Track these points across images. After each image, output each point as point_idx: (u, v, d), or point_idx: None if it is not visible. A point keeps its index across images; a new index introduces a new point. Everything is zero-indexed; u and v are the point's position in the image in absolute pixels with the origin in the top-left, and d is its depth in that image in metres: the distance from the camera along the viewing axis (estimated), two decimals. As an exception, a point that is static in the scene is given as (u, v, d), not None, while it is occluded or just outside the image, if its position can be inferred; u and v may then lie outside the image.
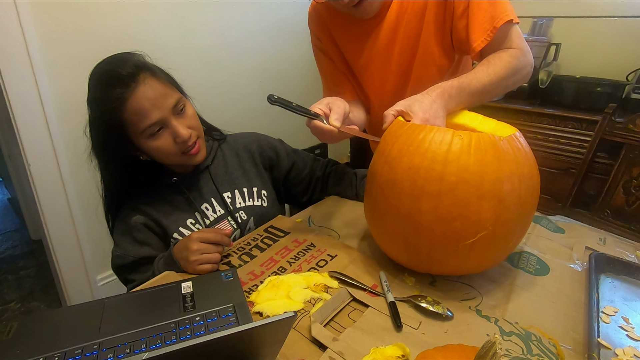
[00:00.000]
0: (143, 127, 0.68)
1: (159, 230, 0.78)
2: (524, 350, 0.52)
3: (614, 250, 0.75)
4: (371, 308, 0.59)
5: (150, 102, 0.67)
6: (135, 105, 0.66)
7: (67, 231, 1.43)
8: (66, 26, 1.26)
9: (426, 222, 0.56)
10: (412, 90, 0.86)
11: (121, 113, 0.66)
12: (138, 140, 0.71)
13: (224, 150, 0.89)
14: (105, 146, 0.72)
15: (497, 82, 0.72)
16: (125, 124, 0.68)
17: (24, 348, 0.51)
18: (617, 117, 1.36)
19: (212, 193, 0.84)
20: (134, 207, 0.78)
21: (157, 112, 0.68)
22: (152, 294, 0.63)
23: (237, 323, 0.55)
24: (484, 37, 0.74)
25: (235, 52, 1.79)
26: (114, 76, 0.67)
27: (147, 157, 0.75)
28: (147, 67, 0.70)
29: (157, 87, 0.69)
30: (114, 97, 0.65)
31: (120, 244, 0.76)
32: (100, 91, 0.68)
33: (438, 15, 0.79)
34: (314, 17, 0.95)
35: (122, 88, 0.66)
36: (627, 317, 0.58)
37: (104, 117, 0.67)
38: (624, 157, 1.30)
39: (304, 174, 0.96)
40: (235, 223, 0.84)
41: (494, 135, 0.56)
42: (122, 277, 0.78)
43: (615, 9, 1.68)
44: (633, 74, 1.64)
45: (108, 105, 0.66)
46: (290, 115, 0.71)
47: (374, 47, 0.87)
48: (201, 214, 0.81)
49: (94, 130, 0.72)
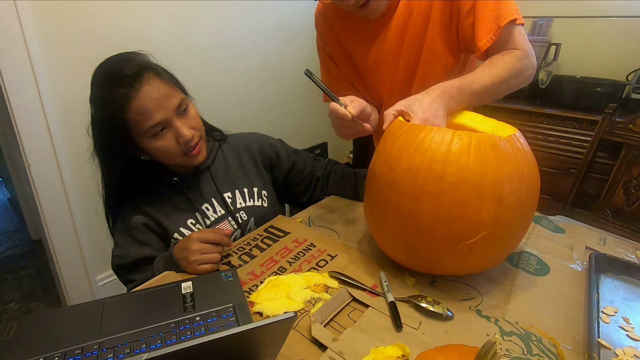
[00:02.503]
0: (146, 127, 0.68)
1: (159, 230, 0.78)
2: (524, 350, 0.52)
3: (614, 250, 0.75)
4: (371, 308, 0.59)
5: (154, 102, 0.67)
6: (140, 105, 0.67)
7: (67, 231, 1.43)
8: (66, 26, 1.26)
9: (426, 222, 0.56)
10: (417, 89, 0.86)
11: (125, 113, 0.67)
12: (141, 140, 0.71)
13: (224, 150, 0.89)
14: (108, 145, 0.72)
15: (499, 84, 0.72)
16: (128, 124, 0.68)
17: (24, 348, 0.51)
18: (617, 117, 1.35)
19: (213, 193, 0.84)
20: (135, 207, 0.78)
21: (161, 112, 0.68)
22: (152, 294, 0.63)
23: (237, 323, 0.55)
24: (489, 37, 0.74)
25: (236, 52, 1.79)
26: (119, 76, 0.66)
27: (148, 157, 0.75)
28: (152, 67, 0.70)
29: (161, 87, 0.69)
30: (118, 96, 0.65)
31: (121, 244, 0.77)
32: (104, 90, 0.68)
33: (444, 14, 0.79)
34: (320, 20, 0.95)
35: (126, 88, 0.66)
36: (627, 317, 0.58)
37: (108, 116, 0.68)
38: (624, 157, 1.30)
39: (305, 174, 0.96)
40: (236, 223, 0.84)
41: (494, 135, 0.56)
42: (122, 277, 0.78)
43: (615, 9, 1.68)
44: (633, 74, 1.64)
45: (112, 105, 0.66)
46: (290, 115, 0.72)
47: (381, 47, 0.87)
48: (202, 214, 0.81)
49: (96, 129, 0.72)
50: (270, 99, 2.02)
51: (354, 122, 0.70)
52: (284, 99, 2.06)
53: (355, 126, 0.72)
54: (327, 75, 1.00)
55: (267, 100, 2.01)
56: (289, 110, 2.11)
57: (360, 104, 0.71)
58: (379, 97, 0.96)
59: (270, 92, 2.00)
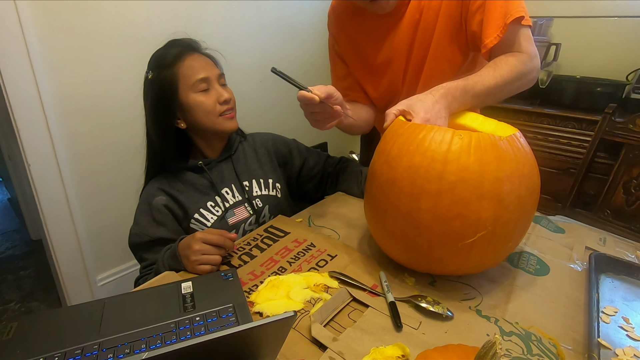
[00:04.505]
0: (194, 79, 0.79)
1: (179, 211, 0.83)
2: (524, 350, 0.52)
3: (614, 250, 0.75)
4: (371, 308, 0.59)
5: (202, 63, 0.81)
6: (190, 62, 0.80)
7: (67, 231, 1.43)
8: (66, 26, 1.26)
9: (426, 221, 0.56)
10: (423, 86, 0.87)
11: (177, 68, 0.79)
12: (187, 94, 0.80)
13: (244, 146, 0.97)
14: (158, 105, 0.81)
15: (502, 86, 0.72)
16: (178, 77, 0.79)
17: (24, 348, 0.51)
18: (617, 117, 1.35)
19: (233, 180, 0.91)
20: (159, 187, 0.83)
21: (206, 72, 0.81)
22: (152, 294, 0.63)
23: (237, 323, 0.55)
24: (496, 34, 0.74)
25: (235, 51, 1.79)
26: (176, 43, 0.83)
27: (186, 123, 0.83)
28: (200, 49, 0.85)
29: (207, 60, 0.84)
30: (175, 53, 0.80)
31: (139, 222, 0.81)
32: (162, 50, 0.82)
33: (454, 10, 0.79)
34: (332, 19, 0.96)
35: (181, 48, 0.81)
36: (627, 317, 0.58)
37: (163, 71, 0.79)
38: (624, 157, 1.30)
39: (315, 171, 1.02)
40: (252, 209, 0.91)
41: (494, 135, 0.56)
42: (137, 255, 0.82)
43: (615, 9, 1.68)
44: (633, 74, 1.64)
45: (169, 58, 0.79)
46: (289, 114, 0.73)
47: (392, 45, 0.87)
48: (222, 197, 0.87)
49: (150, 89, 0.81)
50: (270, 98, 2.02)
51: (323, 106, 0.72)
52: (283, 98, 2.06)
53: (325, 110, 0.73)
54: (337, 75, 1.01)
55: (267, 99, 2.00)
56: (288, 109, 2.10)
57: (327, 89, 0.72)
58: (388, 96, 0.96)
59: (269, 91, 2.00)
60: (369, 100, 1.00)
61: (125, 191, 1.49)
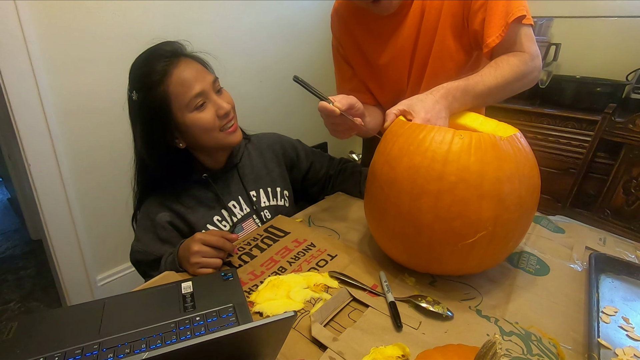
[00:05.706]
0: (188, 98, 0.71)
1: (184, 227, 0.80)
2: (524, 350, 0.52)
3: (614, 250, 0.75)
4: (371, 308, 0.59)
5: (192, 74, 0.72)
6: (179, 76, 0.71)
7: (67, 231, 1.43)
8: (66, 26, 1.26)
9: (426, 221, 0.56)
10: (426, 85, 0.86)
11: (166, 85, 0.70)
12: (182, 114, 0.72)
13: (250, 150, 0.92)
14: (151, 128, 0.73)
15: (503, 86, 0.72)
16: (169, 98, 0.71)
17: (24, 348, 0.51)
18: (617, 117, 1.35)
19: (240, 191, 0.87)
20: (161, 202, 0.79)
21: (200, 84, 0.72)
22: (152, 294, 0.63)
23: (237, 323, 0.55)
24: (498, 33, 0.74)
25: (235, 51, 1.79)
26: (158, 54, 0.72)
27: (186, 142, 0.77)
28: (186, 51, 0.76)
29: (197, 65, 0.74)
30: (159, 70, 0.70)
31: (142, 239, 0.77)
32: (145, 68, 0.72)
33: (457, 9, 0.79)
34: (335, 20, 0.95)
35: (166, 62, 0.71)
36: (627, 317, 0.58)
37: (150, 93, 0.70)
38: (624, 157, 1.30)
39: (321, 174, 1.00)
40: (260, 222, 0.87)
41: (495, 135, 0.56)
42: (140, 270, 0.80)
43: (615, 9, 1.68)
44: (633, 74, 1.64)
45: (154, 78, 0.70)
46: (290, 115, 0.72)
47: (396, 45, 0.87)
48: (228, 211, 0.83)
49: (138, 114, 0.73)
50: (270, 98, 2.02)
51: (344, 118, 0.71)
52: (283, 98, 2.06)
53: (345, 122, 0.72)
54: (342, 77, 1.01)
55: (267, 100, 2.00)
56: (288, 109, 2.11)
57: (348, 100, 0.71)
58: (393, 96, 0.96)
59: (269, 91, 2.00)
60: (375, 100, 1.00)
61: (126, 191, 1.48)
